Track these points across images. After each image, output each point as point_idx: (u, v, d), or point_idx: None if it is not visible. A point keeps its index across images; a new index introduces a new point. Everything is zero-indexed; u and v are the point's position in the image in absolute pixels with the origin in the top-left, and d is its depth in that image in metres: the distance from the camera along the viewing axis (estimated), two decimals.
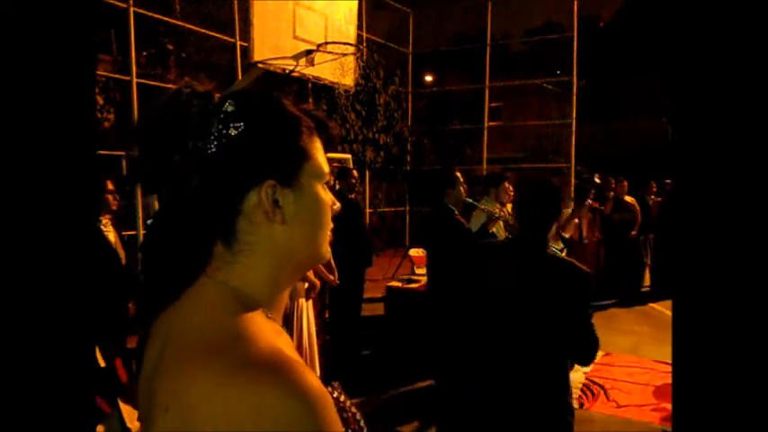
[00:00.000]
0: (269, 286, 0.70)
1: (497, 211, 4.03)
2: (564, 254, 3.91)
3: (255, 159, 0.67)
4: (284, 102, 0.71)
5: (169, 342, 0.65)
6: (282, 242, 0.69)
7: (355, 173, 5.00)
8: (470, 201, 3.97)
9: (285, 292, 0.75)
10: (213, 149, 0.66)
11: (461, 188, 3.63)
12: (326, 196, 0.73)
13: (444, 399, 3.46)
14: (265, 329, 0.64)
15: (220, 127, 0.66)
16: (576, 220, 5.21)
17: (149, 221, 0.75)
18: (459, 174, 3.69)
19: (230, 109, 0.67)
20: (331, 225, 0.75)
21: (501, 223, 4.03)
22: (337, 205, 0.76)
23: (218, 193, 0.66)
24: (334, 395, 0.71)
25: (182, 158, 0.66)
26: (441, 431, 3.49)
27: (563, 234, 4.99)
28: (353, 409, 0.74)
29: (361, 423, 0.74)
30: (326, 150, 0.75)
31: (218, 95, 0.70)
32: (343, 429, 0.64)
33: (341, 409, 0.70)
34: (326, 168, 0.73)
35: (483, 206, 4.12)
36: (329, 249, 0.75)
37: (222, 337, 0.61)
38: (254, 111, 0.68)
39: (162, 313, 0.70)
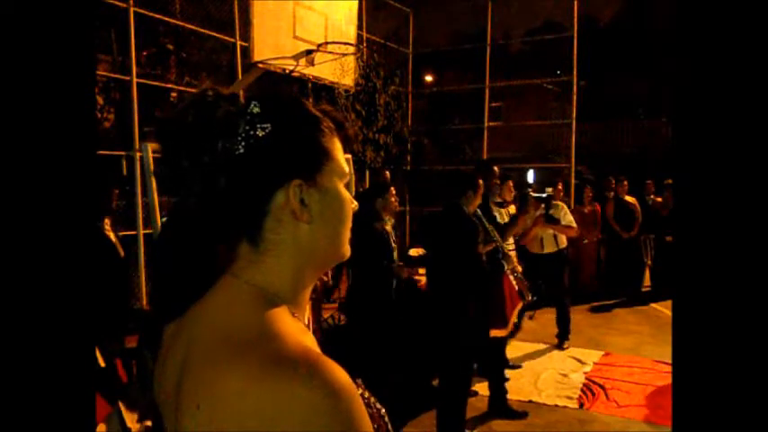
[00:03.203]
0: (293, 285, 0.71)
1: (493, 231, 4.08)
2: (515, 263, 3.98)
3: (282, 159, 0.68)
4: (307, 103, 0.73)
5: (195, 342, 0.65)
6: (307, 241, 0.70)
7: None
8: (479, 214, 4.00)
9: (308, 291, 0.75)
10: (241, 150, 0.67)
11: (479, 196, 3.66)
12: (347, 195, 0.75)
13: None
14: (292, 327, 0.65)
15: (247, 128, 0.67)
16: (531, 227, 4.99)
17: (164, 219, 0.76)
18: (481, 182, 3.71)
19: (256, 110, 0.68)
20: (351, 224, 0.76)
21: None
22: (355, 204, 0.77)
23: (247, 193, 0.68)
24: (359, 392, 0.72)
25: (210, 159, 0.67)
26: None
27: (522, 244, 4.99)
28: (378, 405, 0.74)
29: (386, 419, 0.74)
30: (346, 149, 0.76)
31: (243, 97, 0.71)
32: (372, 425, 0.64)
33: (366, 405, 0.70)
34: (347, 168, 0.75)
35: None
36: (349, 248, 0.76)
37: (251, 335, 0.61)
38: (279, 112, 0.69)
39: (185, 314, 0.71)
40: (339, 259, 0.76)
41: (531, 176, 7.64)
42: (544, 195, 4.69)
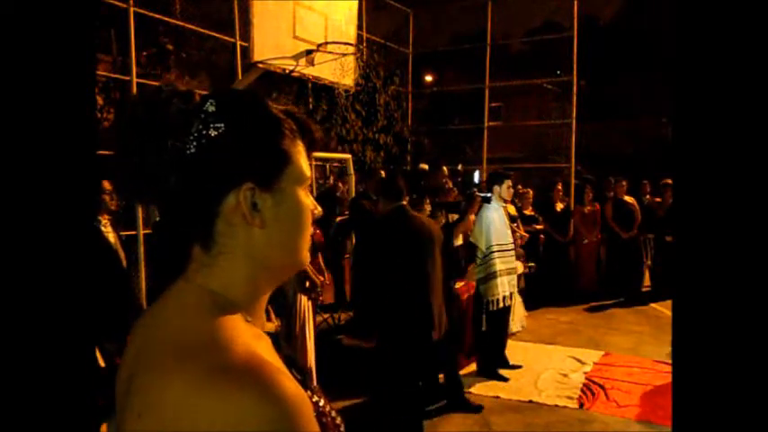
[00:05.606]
0: (247, 290, 0.69)
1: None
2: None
3: (234, 161, 0.65)
4: (267, 103, 0.70)
5: (145, 345, 0.64)
6: (260, 246, 0.68)
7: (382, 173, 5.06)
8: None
9: (265, 297, 0.73)
10: (192, 150, 0.64)
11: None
12: (307, 201, 0.72)
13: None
14: (243, 333, 0.63)
15: (200, 127, 0.65)
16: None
17: (157, 220, 0.75)
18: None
19: (211, 109, 0.66)
20: (311, 230, 0.73)
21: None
22: (318, 210, 0.75)
23: (196, 194, 0.65)
24: (314, 399, 0.70)
25: (159, 158, 0.65)
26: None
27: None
28: (333, 414, 0.73)
29: (342, 428, 0.73)
30: (310, 153, 0.74)
31: (199, 94, 0.68)
32: None
33: (320, 414, 0.69)
34: (308, 173, 0.72)
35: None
36: (308, 255, 0.74)
37: (199, 341, 0.60)
38: (235, 112, 0.67)
39: (141, 315, 0.69)
40: (296, 267, 0.74)
41: (476, 177, 7.74)
42: (489, 195, 4.72)
